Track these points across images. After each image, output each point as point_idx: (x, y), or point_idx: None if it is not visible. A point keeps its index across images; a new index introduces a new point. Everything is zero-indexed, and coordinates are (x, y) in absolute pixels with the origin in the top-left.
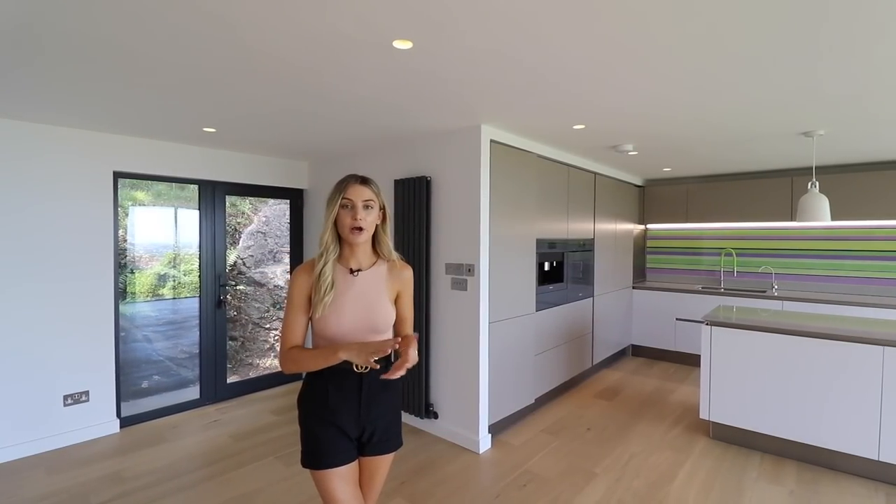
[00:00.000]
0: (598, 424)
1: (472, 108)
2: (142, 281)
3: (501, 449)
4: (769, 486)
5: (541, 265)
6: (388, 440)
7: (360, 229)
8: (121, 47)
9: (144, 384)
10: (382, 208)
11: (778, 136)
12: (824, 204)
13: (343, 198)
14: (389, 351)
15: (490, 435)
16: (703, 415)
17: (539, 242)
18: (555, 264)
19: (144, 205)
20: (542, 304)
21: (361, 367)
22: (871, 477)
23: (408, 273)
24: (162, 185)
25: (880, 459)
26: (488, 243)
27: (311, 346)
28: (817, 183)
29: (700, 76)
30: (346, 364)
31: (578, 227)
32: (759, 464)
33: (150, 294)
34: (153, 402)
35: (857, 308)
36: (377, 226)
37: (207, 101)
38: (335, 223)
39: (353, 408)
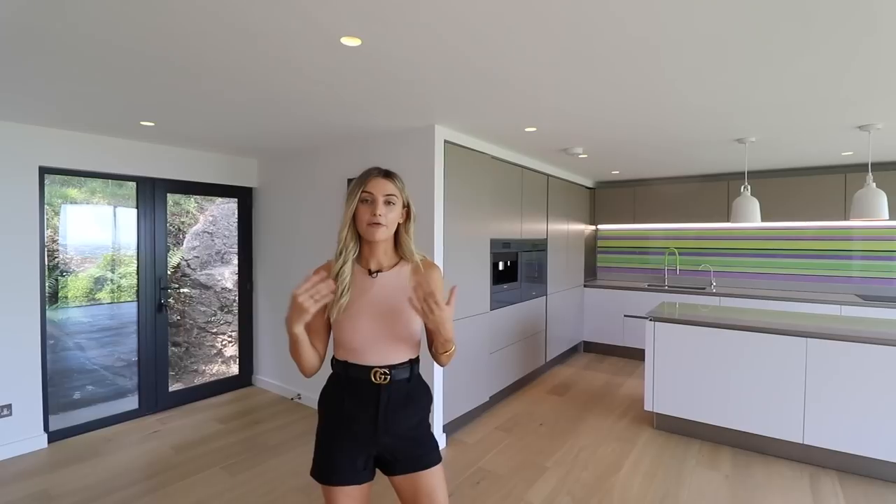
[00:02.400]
0: (550, 420)
1: (425, 108)
2: (75, 285)
3: (456, 448)
4: (706, 472)
5: (495, 265)
6: (422, 456)
7: (379, 224)
8: (43, 32)
9: (76, 395)
10: (407, 205)
11: (714, 142)
12: (755, 206)
13: (363, 191)
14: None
15: (445, 434)
16: (648, 406)
17: (493, 242)
18: (509, 264)
19: (77, 203)
20: (496, 303)
21: (380, 378)
22: (797, 459)
23: (436, 273)
24: (97, 182)
25: (804, 443)
26: (443, 243)
27: (334, 354)
28: (749, 186)
29: (640, 83)
30: (363, 374)
31: (532, 228)
32: (698, 451)
33: (86, 298)
34: (86, 415)
35: (785, 303)
36: (399, 224)
37: (143, 94)
38: (353, 219)
39: (370, 422)
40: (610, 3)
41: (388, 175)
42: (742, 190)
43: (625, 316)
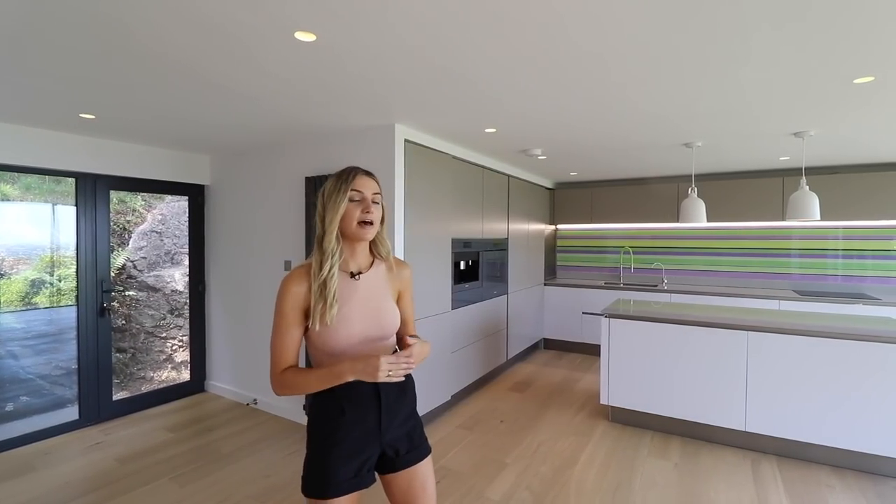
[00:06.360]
0: (510, 416)
1: (384, 106)
2: (8, 288)
3: None
4: (657, 462)
5: (457, 264)
6: (419, 446)
7: (371, 224)
8: None
9: (9, 407)
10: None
11: (664, 146)
12: (701, 207)
13: (353, 190)
14: (405, 365)
15: None
16: (603, 400)
17: (455, 242)
18: (470, 263)
19: (11, 200)
20: (458, 303)
21: None
22: (740, 446)
23: (407, 271)
24: (32, 178)
25: (747, 430)
26: (403, 243)
27: (305, 363)
28: (696, 188)
29: (592, 88)
30: None
31: (493, 228)
32: (650, 441)
33: (21, 303)
34: (20, 427)
35: (729, 299)
36: None
37: (82, 84)
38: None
39: (373, 423)
40: (558, 9)
41: (370, 174)
42: (689, 192)
43: (583, 313)
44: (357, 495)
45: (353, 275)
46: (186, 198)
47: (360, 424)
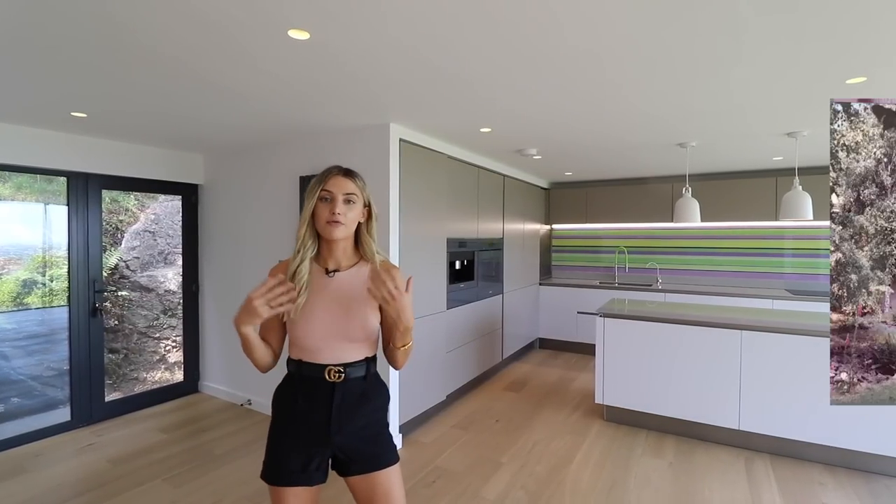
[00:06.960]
0: (505, 416)
1: (379, 106)
2: (0, 289)
3: (412, 448)
4: (652, 461)
5: (452, 264)
6: (378, 455)
7: (337, 223)
8: None
9: (0, 408)
10: (368, 205)
11: (659, 146)
12: (695, 207)
13: (323, 189)
14: (279, 289)
15: (401, 435)
16: (598, 399)
17: (450, 242)
18: (465, 263)
19: (1, 199)
20: (453, 302)
21: (334, 376)
22: (734, 444)
23: (396, 274)
24: (23, 177)
25: (740, 429)
26: (398, 242)
27: (289, 353)
28: (690, 188)
29: (588, 89)
30: (317, 372)
31: (488, 227)
32: (645, 440)
33: (12, 303)
34: (11, 429)
35: (723, 298)
36: (360, 224)
37: (74, 82)
38: (312, 218)
39: (323, 420)
40: (556, 12)
41: (348, 174)
42: (684, 192)
43: (578, 313)
44: (314, 492)
45: (328, 271)
46: (180, 197)
47: (309, 418)
